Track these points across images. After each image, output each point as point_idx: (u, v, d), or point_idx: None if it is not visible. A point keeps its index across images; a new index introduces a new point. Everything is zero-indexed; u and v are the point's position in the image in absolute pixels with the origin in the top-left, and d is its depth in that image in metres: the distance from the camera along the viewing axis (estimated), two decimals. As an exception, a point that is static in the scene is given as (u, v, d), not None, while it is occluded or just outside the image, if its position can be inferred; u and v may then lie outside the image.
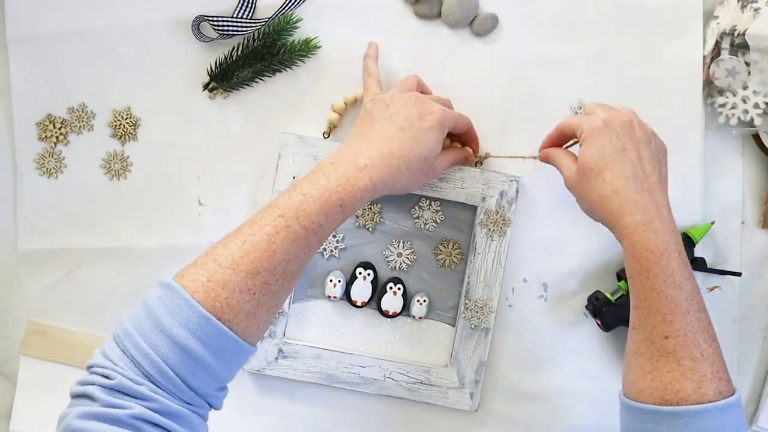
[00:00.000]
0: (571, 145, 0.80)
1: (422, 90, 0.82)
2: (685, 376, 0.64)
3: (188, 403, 0.60)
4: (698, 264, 0.84)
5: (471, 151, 0.84)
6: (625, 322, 0.79)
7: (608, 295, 0.83)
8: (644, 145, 0.72)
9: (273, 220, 0.64)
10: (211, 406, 0.63)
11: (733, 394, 0.64)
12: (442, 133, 0.75)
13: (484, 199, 0.84)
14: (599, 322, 0.84)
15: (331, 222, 0.67)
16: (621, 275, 0.85)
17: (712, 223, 0.86)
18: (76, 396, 0.58)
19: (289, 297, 0.85)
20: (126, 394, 0.57)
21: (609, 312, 0.83)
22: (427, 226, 0.86)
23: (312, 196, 0.66)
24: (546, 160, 0.80)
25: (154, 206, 0.87)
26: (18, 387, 0.89)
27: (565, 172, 0.75)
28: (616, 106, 0.74)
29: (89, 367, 0.60)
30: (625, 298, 0.82)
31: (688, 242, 0.84)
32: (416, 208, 0.86)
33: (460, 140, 0.84)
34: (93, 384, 0.57)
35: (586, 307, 0.85)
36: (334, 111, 0.85)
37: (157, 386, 0.58)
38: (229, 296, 0.61)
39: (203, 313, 0.59)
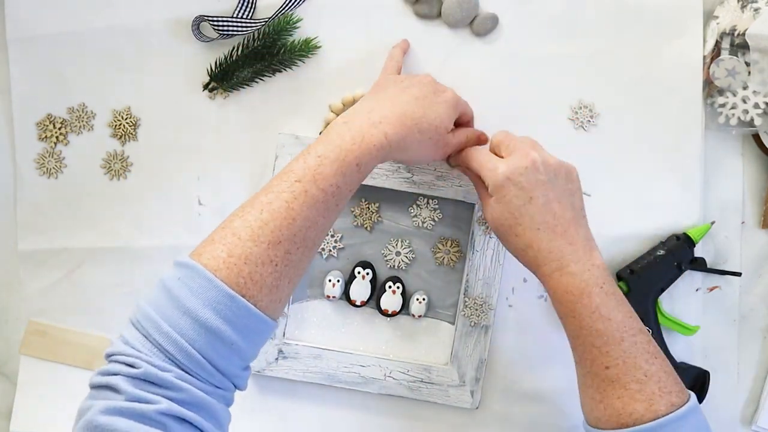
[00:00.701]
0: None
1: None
2: (634, 398, 0.65)
3: (216, 387, 0.59)
4: (698, 264, 0.84)
5: (484, 133, 0.81)
6: None
7: None
8: (551, 185, 0.70)
9: (290, 186, 0.62)
10: (236, 386, 0.62)
11: (687, 402, 0.65)
12: (455, 111, 0.75)
13: (483, 197, 0.84)
14: None
15: (349, 183, 0.65)
16: (620, 276, 0.84)
17: (712, 223, 0.86)
18: (98, 387, 0.56)
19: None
20: (153, 383, 0.55)
21: None
22: (425, 225, 0.86)
23: (328, 157, 0.64)
24: (459, 160, 0.78)
25: (154, 206, 0.88)
26: (18, 387, 0.89)
27: (486, 217, 0.74)
28: (518, 141, 0.73)
29: (109, 356, 0.57)
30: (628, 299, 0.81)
31: (688, 242, 0.84)
32: (414, 206, 0.86)
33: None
34: (117, 374, 0.55)
35: None
36: (332, 111, 0.85)
37: (185, 371, 0.56)
38: (252, 270, 0.59)
39: (228, 292, 0.57)
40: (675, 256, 0.84)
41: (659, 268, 0.83)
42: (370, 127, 0.67)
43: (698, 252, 0.85)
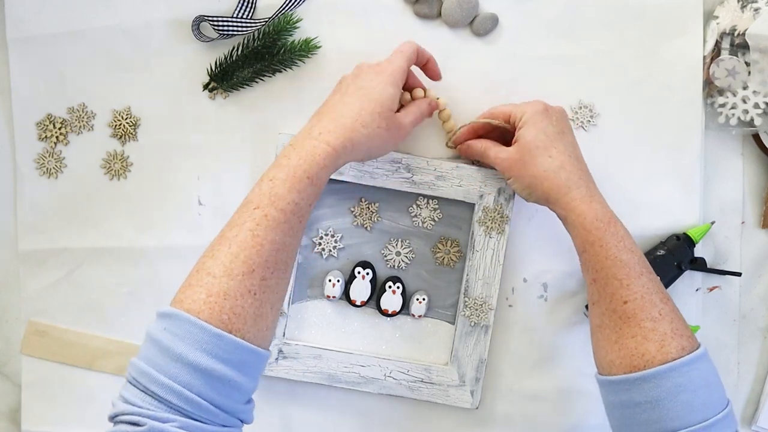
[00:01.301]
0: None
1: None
2: (647, 338, 0.67)
3: (223, 425, 0.59)
4: (698, 264, 0.84)
5: (432, 99, 0.82)
6: None
7: None
8: (573, 135, 0.77)
9: (250, 214, 0.64)
10: (242, 421, 0.62)
11: (697, 348, 0.66)
12: (395, 86, 0.74)
13: (481, 196, 0.84)
14: None
15: (305, 197, 0.67)
16: None
17: (712, 223, 0.86)
18: None
19: (288, 295, 0.85)
20: None
21: None
22: (425, 225, 0.86)
23: (279, 178, 0.66)
24: (467, 152, 0.82)
25: (154, 206, 0.88)
26: (23, 387, 0.89)
27: (500, 155, 0.77)
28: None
29: (113, 417, 0.58)
30: None
31: (688, 242, 0.84)
32: (414, 206, 0.86)
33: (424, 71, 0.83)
34: None
35: (587, 307, 0.85)
36: None
37: (189, 417, 0.57)
38: (233, 304, 0.60)
39: (215, 331, 0.58)
40: (675, 256, 0.84)
41: (659, 268, 0.82)
42: (311, 141, 0.69)
43: (698, 252, 0.85)
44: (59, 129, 0.87)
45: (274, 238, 0.64)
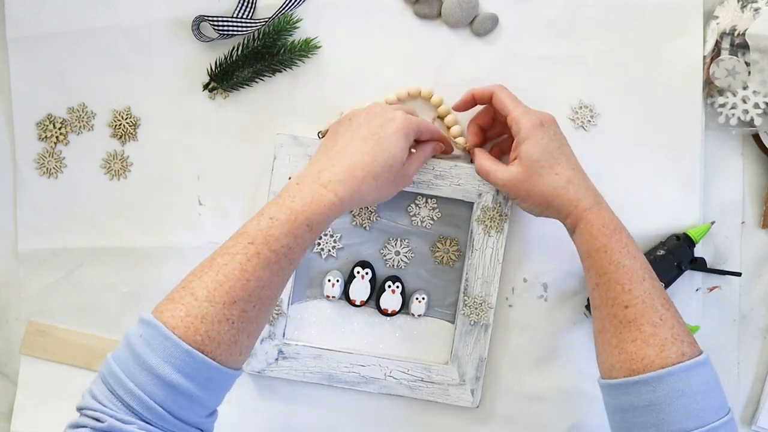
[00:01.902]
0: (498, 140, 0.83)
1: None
2: (647, 342, 0.67)
3: None
4: (698, 264, 0.84)
5: (439, 141, 0.83)
6: None
7: None
8: (568, 143, 0.77)
9: (243, 248, 0.64)
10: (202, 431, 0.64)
11: (698, 355, 0.66)
12: (407, 139, 0.75)
13: (480, 195, 0.84)
14: None
15: (301, 243, 0.67)
16: None
17: (712, 223, 0.86)
18: None
19: (288, 295, 0.85)
20: None
21: None
22: (424, 224, 0.86)
23: (279, 219, 0.66)
24: (478, 170, 0.82)
25: (154, 206, 0.88)
26: (19, 387, 0.89)
27: (503, 177, 0.77)
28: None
29: (80, 409, 0.60)
30: None
31: (688, 242, 0.84)
32: (413, 205, 0.86)
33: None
34: (84, 426, 0.58)
35: (587, 306, 0.85)
36: None
37: (147, 422, 0.59)
38: (209, 329, 0.61)
39: (185, 348, 0.60)
40: (675, 256, 0.84)
41: (659, 268, 0.82)
42: (320, 188, 0.69)
43: (698, 252, 0.85)
44: (59, 129, 0.87)
45: (262, 275, 0.64)
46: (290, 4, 0.84)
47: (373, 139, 0.73)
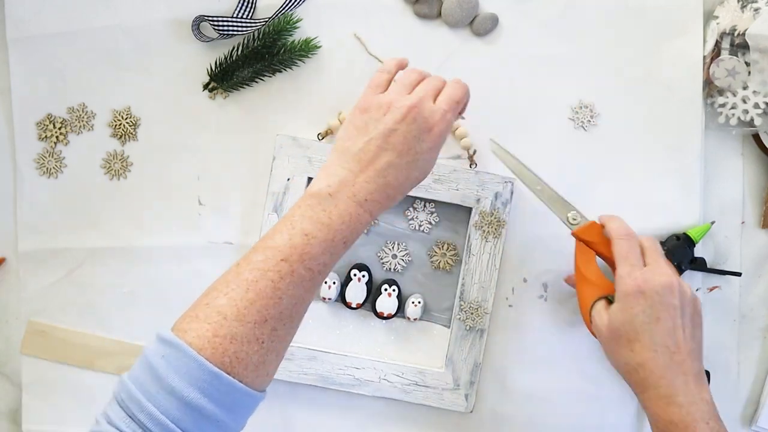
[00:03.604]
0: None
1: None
2: None
3: None
4: (698, 264, 0.84)
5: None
6: None
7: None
8: (681, 311, 0.70)
9: (275, 265, 0.61)
10: None
11: None
12: (441, 145, 0.70)
13: (478, 200, 0.84)
14: None
15: (335, 258, 0.65)
16: None
17: (712, 223, 0.86)
18: None
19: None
20: None
21: None
22: (421, 228, 0.86)
23: (316, 237, 0.62)
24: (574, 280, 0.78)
25: (154, 206, 0.87)
26: (24, 387, 0.89)
27: (594, 322, 0.74)
28: (658, 254, 0.73)
29: None
30: None
31: (688, 242, 0.84)
32: (411, 209, 0.86)
33: None
34: None
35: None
36: (339, 120, 0.85)
37: None
38: (238, 349, 0.58)
39: (213, 370, 0.56)
40: (675, 256, 0.83)
41: None
42: (357, 207, 0.65)
43: (698, 252, 0.85)
44: (59, 129, 0.87)
45: (295, 293, 0.61)
46: (290, 4, 0.84)
47: (409, 156, 0.67)
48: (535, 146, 0.86)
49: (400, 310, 0.86)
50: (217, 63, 0.85)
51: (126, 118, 0.87)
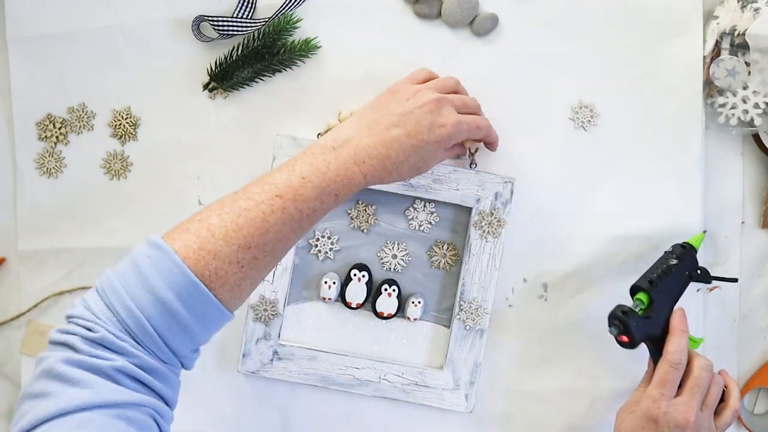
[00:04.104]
0: None
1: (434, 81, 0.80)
2: None
3: (164, 362, 0.62)
4: (703, 275, 0.82)
5: (462, 146, 0.83)
6: (650, 338, 0.78)
7: (632, 308, 0.79)
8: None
9: (270, 199, 0.66)
10: (183, 366, 0.66)
11: None
12: (444, 150, 0.76)
13: (478, 200, 0.84)
14: (625, 339, 0.78)
15: (325, 208, 0.69)
16: (640, 287, 0.80)
17: (704, 232, 0.85)
18: (57, 343, 0.60)
19: (284, 297, 0.85)
20: (108, 348, 0.59)
21: (638, 325, 0.77)
22: (421, 228, 0.86)
23: (311, 181, 0.67)
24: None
25: (154, 206, 0.88)
26: (23, 387, 0.89)
27: (617, 418, 0.80)
28: (694, 396, 0.76)
29: (69, 317, 0.61)
30: (649, 311, 0.78)
31: (692, 250, 0.82)
32: (411, 209, 0.86)
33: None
34: (75, 334, 0.59)
35: (610, 324, 0.79)
36: (339, 120, 0.85)
37: (138, 343, 0.60)
38: (219, 266, 0.63)
39: (193, 279, 0.61)
40: (685, 265, 0.81)
41: (674, 279, 0.80)
42: (353, 165, 0.70)
43: (700, 252, 0.85)
44: (59, 129, 0.87)
45: (282, 229, 0.66)
46: (290, 4, 0.84)
47: (416, 140, 0.72)
48: (535, 146, 0.86)
49: (400, 310, 0.86)
50: (217, 63, 0.85)
51: (126, 118, 0.87)
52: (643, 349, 0.79)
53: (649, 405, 0.75)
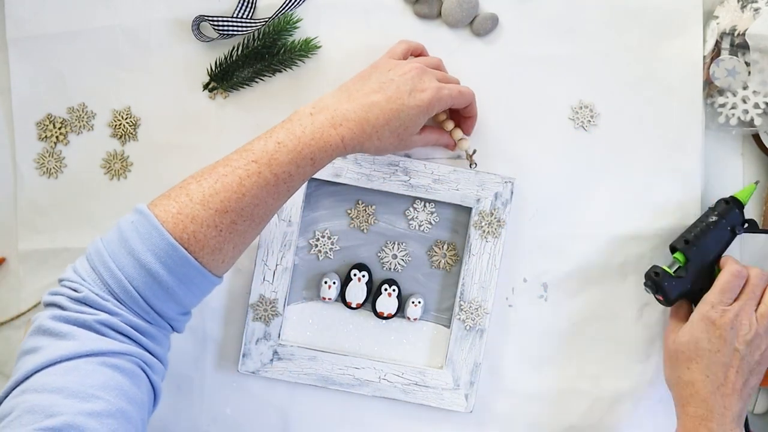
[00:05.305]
0: None
1: (418, 54, 0.83)
2: None
3: (149, 323, 0.66)
4: (751, 226, 0.83)
5: (453, 140, 0.84)
6: (687, 294, 0.80)
7: (666, 269, 0.81)
8: (740, 355, 0.76)
9: (246, 164, 0.67)
10: (173, 328, 0.69)
11: None
12: (428, 114, 0.75)
13: (478, 200, 0.84)
14: (660, 298, 0.81)
15: (302, 173, 0.70)
16: (675, 247, 0.82)
17: (757, 182, 0.86)
18: (47, 304, 0.64)
19: (284, 297, 0.85)
20: (92, 307, 0.63)
21: (671, 285, 0.80)
22: (421, 228, 0.86)
23: (286, 146, 0.68)
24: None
25: (154, 206, 0.87)
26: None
27: (668, 338, 0.81)
28: (750, 302, 0.78)
29: (60, 280, 0.66)
30: (683, 270, 0.81)
31: (738, 205, 0.82)
32: (411, 209, 0.86)
33: (459, 114, 0.83)
34: (62, 295, 0.64)
35: (645, 284, 0.82)
36: None
37: (121, 303, 0.64)
38: (197, 230, 0.65)
39: (170, 241, 0.64)
40: (728, 220, 0.82)
41: (714, 234, 0.81)
42: (329, 128, 0.70)
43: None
44: (59, 129, 0.87)
45: (258, 194, 0.67)
46: (290, 4, 0.84)
47: (396, 104, 0.73)
48: (535, 146, 0.86)
49: (400, 310, 0.86)
50: (217, 63, 0.85)
51: (126, 118, 0.87)
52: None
53: (707, 309, 0.77)
